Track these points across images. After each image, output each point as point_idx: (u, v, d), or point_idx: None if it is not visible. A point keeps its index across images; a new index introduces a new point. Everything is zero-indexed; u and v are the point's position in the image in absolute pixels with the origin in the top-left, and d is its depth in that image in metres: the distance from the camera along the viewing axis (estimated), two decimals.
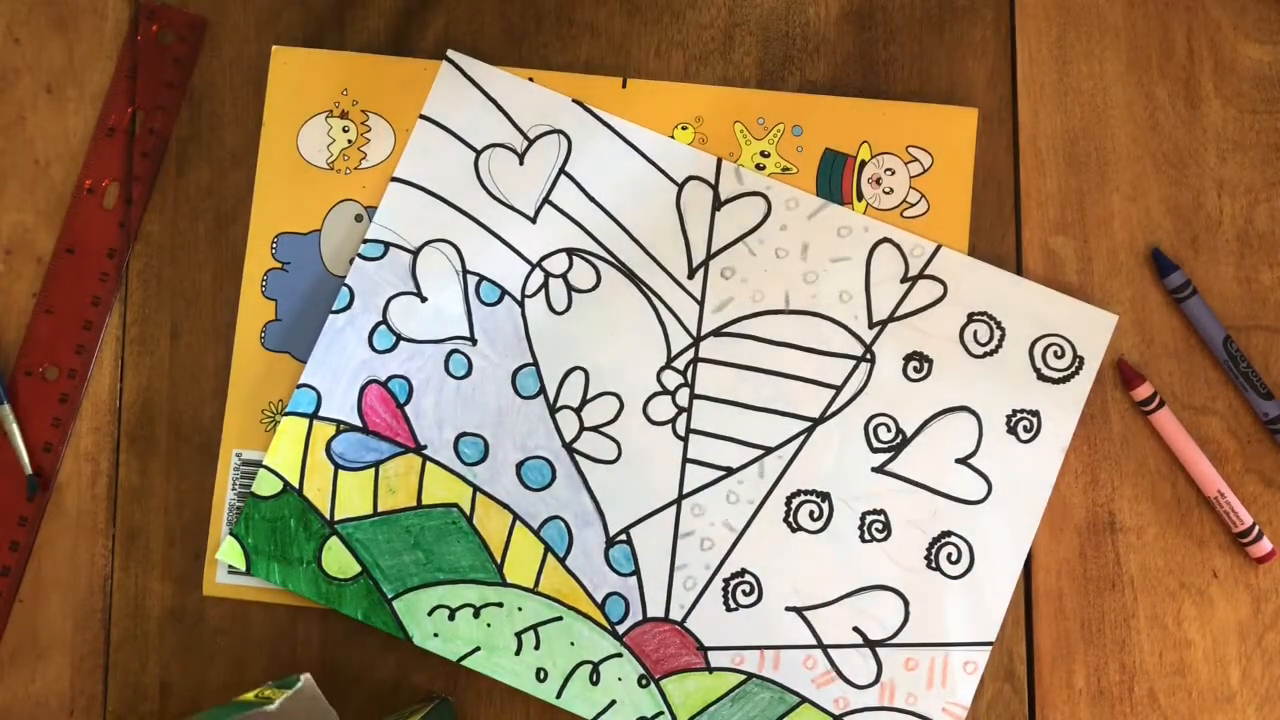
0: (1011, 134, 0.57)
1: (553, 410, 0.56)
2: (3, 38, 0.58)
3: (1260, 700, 0.55)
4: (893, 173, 0.56)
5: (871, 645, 0.55)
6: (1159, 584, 0.56)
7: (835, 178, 0.57)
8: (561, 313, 0.56)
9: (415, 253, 0.56)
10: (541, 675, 0.55)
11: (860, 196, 0.56)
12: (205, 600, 0.56)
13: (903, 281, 0.56)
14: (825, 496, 0.55)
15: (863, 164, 0.57)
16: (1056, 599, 0.55)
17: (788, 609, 0.55)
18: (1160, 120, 0.57)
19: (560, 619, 0.55)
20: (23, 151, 0.58)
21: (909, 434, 0.56)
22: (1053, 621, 0.55)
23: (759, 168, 0.56)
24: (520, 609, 0.55)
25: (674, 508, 0.55)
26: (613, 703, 0.55)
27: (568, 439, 0.56)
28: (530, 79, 0.57)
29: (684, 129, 0.57)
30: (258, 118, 0.57)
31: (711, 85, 0.57)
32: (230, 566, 0.55)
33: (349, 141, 0.57)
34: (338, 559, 0.55)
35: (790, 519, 0.55)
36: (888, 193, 0.56)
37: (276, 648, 0.56)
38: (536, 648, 0.55)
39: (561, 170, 0.56)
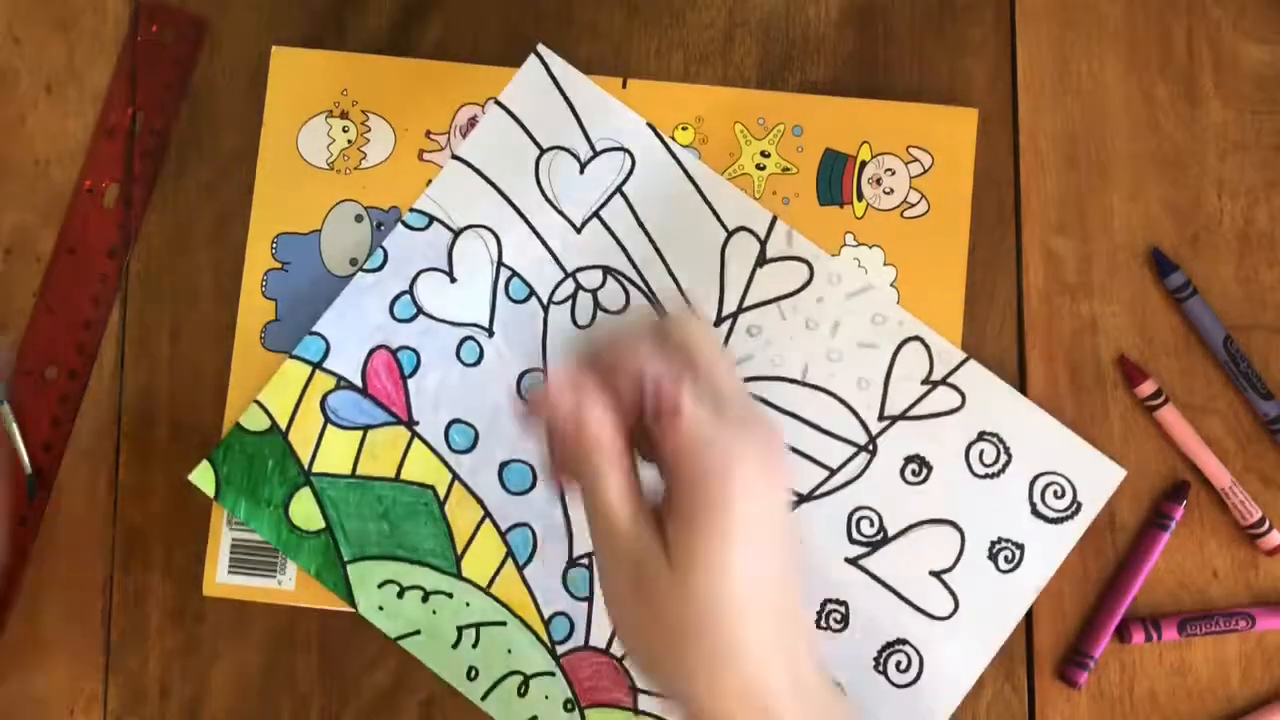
0: (1011, 134, 0.57)
1: None
2: (3, 38, 0.58)
3: (1260, 700, 0.55)
4: (893, 173, 0.56)
5: None
6: (1159, 584, 0.56)
7: (835, 178, 0.57)
8: (583, 327, 0.56)
9: (457, 233, 0.56)
10: (472, 674, 0.55)
11: (860, 197, 0.56)
12: (205, 600, 0.56)
13: (923, 383, 0.55)
14: None
15: (863, 164, 0.57)
16: (1057, 599, 0.55)
17: None
18: (1160, 120, 0.57)
19: (504, 624, 0.55)
20: (23, 151, 0.58)
21: (890, 534, 0.55)
22: (1053, 621, 0.55)
23: (759, 168, 0.56)
24: (468, 604, 0.55)
25: None
26: (534, 718, 0.55)
27: None
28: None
29: (684, 129, 0.57)
30: (258, 118, 0.57)
31: (711, 85, 0.57)
32: (191, 480, 0.55)
33: (349, 142, 0.57)
34: (305, 510, 0.55)
35: None
36: (888, 193, 0.56)
37: (276, 648, 0.56)
38: (475, 645, 0.55)
39: (618, 189, 0.56)
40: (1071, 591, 0.55)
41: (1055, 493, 0.55)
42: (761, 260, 0.56)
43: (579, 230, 0.56)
